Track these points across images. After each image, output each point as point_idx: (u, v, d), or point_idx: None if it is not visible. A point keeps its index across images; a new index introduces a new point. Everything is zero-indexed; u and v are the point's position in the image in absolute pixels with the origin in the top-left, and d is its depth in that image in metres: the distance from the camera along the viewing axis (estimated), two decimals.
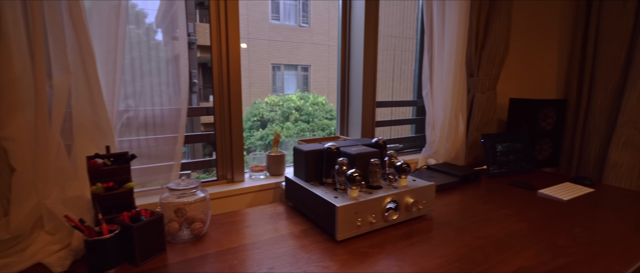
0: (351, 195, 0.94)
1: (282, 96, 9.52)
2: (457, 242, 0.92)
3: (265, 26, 11.42)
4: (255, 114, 8.88)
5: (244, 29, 10.39)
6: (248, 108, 9.17)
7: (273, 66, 11.53)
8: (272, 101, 9.32)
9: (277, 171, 1.34)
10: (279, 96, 9.55)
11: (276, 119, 8.76)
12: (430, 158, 1.69)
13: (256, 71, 11.43)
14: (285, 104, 8.94)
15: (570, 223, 1.06)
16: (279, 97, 9.46)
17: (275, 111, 8.95)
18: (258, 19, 10.98)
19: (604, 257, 0.85)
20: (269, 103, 9.23)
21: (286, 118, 8.78)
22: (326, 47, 11.86)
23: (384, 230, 0.98)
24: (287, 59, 11.80)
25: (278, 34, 11.39)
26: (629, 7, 1.50)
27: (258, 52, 11.36)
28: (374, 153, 1.06)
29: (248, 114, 8.98)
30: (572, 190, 1.35)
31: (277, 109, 8.93)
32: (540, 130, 1.77)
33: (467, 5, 1.51)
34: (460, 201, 1.24)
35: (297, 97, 9.25)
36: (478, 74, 1.69)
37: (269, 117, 8.79)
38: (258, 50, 11.32)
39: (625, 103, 1.48)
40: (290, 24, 11.54)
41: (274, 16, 11.36)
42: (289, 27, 11.48)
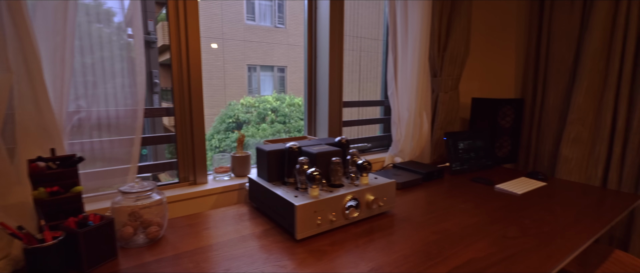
0: (311, 194, 0.95)
1: (258, 98, 9.42)
2: (415, 237, 0.94)
3: (241, 27, 11.27)
4: (231, 116, 8.74)
5: (218, 29, 10.22)
6: (223, 110, 9.01)
7: (249, 67, 11.40)
8: (247, 102, 9.21)
9: (242, 172, 1.33)
10: (254, 98, 9.45)
11: (252, 121, 8.67)
12: (397, 156, 1.73)
13: (231, 72, 11.24)
14: (261, 106, 8.85)
15: (521, 215, 1.11)
16: (255, 98, 9.36)
17: (251, 113, 8.84)
18: (233, 19, 10.82)
19: (547, 246, 0.90)
20: (245, 104, 9.11)
21: (262, 120, 8.70)
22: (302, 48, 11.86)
23: (345, 228, 1.00)
24: (263, 60, 11.69)
25: (253, 35, 11.27)
26: (576, 10, 1.60)
27: (233, 53, 11.18)
28: (335, 152, 1.07)
29: (223, 116, 8.82)
30: (527, 184, 1.42)
31: (253, 111, 8.83)
32: (500, 128, 1.85)
33: (428, 7, 1.56)
34: (422, 198, 1.27)
35: (274, 99, 9.19)
36: (441, 75, 1.74)
37: (244, 118, 8.67)
38: (233, 51, 11.14)
39: (574, 102, 1.58)
40: (266, 24, 11.46)
41: (249, 17, 11.24)
42: (265, 28, 11.39)
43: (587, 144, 1.60)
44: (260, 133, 8.09)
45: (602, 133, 1.55)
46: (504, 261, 0.82)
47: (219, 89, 10.82)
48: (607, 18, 1.49)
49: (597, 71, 1.53)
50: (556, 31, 1.67)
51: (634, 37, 1.45)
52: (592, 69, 1.53)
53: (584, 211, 1.16)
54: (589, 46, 1.52)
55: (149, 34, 1.41)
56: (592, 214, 1.13)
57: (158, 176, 1.98)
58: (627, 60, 1.46)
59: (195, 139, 1.21)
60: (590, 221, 1.07)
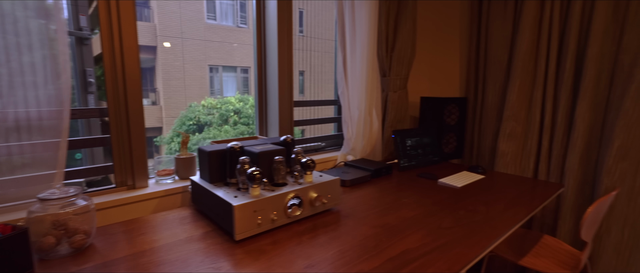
0: (252, 194, 0.94)
1: (221, 99, 9.18)
2: (355, 232, 0.96)
3: (201, 26, 10.92)
4: (191, 118, 8.43)
5: (176, 27, 9.82)
6: (183, 112, 8.68)
7: (210, 67, 11.07)
8: (209, 103, 8.94)
9: (187, 174, 1.28)
10: (217, 99, 9.20)
11: (214, 123, 8.42)
12: (349, 154, 1.76)
13: (192, 73, 10.86)
14: (223, 107, 8.63)
15: (458, 206, 1.18)
16: (217, 99, 9.11)
17: (212, 114, 8.59)
18: (192, 17, 10.46)
19: (476, 234, 0.96)
20: (206, 105, 8.84)
21: (225, 121, 8.49)
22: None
23: (287, 227, 1.00)
24: (226, 60, 11.42)
25: (215, 35, 10.97)
26: (508, 15, 1.73)
27: (193, 53, 10.80)
28: (278, 151, 1.06)
29: (183, 118, 8.49)
30: (467, 178, 1.51)
31: (215, 112, 8.58)
32: (446, 126, 1.95)
33: (375, 8, 1.60)
34: (369, 194, 1.31)
35: (237, 100, 9.00)
36: (390, 74, 1.80)
37: (206, 120, 8.41)
38: (193, 50, 10.77)
39: (508, 100, 1.70)
40: (228, 24, 11.20)
41: (209, 16, 10.92)
42: (227, 27, 11.12)
43: (521, 139, 1.73)
44: (222, 135, 7.89)
45: (533, 128, 1.69)
46: (435, 250, 0.87)
47: (178, 90, 10.40)
48: (534, 23, 1.62)
49: (527, 71, 1.67)
50: (492, 34, 1.79)
51: (556, 40, 1.59)
52: (523, 69, 1.66)
53: (513, 200, 1.25)
54: (520, 48, 1.64)
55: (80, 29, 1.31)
56: (520, 203, 1.22)
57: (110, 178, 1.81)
58: (552, 61, 1.60)
59: (134, 142, 1.15)
60: (518, 209, 1.16)
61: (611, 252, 1.52)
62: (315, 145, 1.91)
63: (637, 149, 1.43)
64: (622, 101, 1.42)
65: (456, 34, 2.08)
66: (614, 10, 1.46)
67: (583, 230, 1.14)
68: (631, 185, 1.46)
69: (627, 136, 1.41)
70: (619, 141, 1.43)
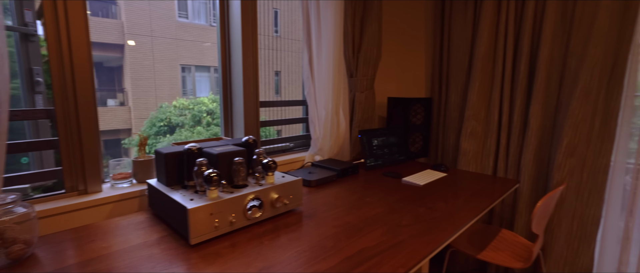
0: (210, 196, 0.92)
1: (193, 99, 8.94)
2: (315, 232, 0.96)
3: (172, 24, 10.59)
4: (162, 119, 8.15)
5: (145, 25, 9.47)
6: (153, 113, 8.37)
7: (183, 67, 10.77)
8: (181, 104, 8.68)
9: (146, 177, 1.24)
10: (189, 99, 8.95)
11: (186, 124, 8.19)
12: (317, 155, 1.76)
13: (163, 73, 10.51)
14: (196, 108, 8.41)
15: (418, 204, 1.21)
16: (190, 100, 8.86)
17: (185, 115, 8.35)
18: (162, 15, 10.13)
19: (433, 230, 0.99)
20: (178, 106, 8.58)
21: (197, 122, 8.28)
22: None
23: (247, 229, 0.98)
24: (199, 60, 11.14)
25: (187, 33, 10.68)
26: (468, 19, 1.80)
27: (164, 52, 10.46)
28: (238, 152, 1.05)
29: (153, 120, 8.19)
30: (430, 176, 1.55)
31: (187, 113, 8.35)
32: (413, 125, 2.00)
33: (341, 8, 1.62)
34: (334, 194, 1.31)
35: (210, 101, 8.80)
36: (356, 75, 1.82)
37: (177, 121, 8.16)
38: (164, 49, 10.42)
39: (469, 100, 1.77)
40: (201, 23, 10.94)
41: (181, 14, 10.62)
42: (199, 26, 10.86)
43: (481, 137, 1.80)
44: (195, 136, 7.68)
45: (492, 128, 1.76)
46: (392, 247, 0.88)
47: (148, 90, 10.03)
48: (491, 26, 1.70)
49: (486, 73, 1.74)
50: (454, 37, 1.86)
51: (512, 43, 1.67)
52: (482, 70, 1.73)
53: (471, 197, 1.30)
54: (479, 50, 1.71)
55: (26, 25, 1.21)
56: (477, 199, 1.27)
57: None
58: (508, 63, 1.68)
59: (85, 144, 1.09)
60: (474, 205, 1.21)
61: (562, 243, 1.62)
62: (283, 146, 1.90)
63: (583, 146, 1.53)
64: (569, 102, 1.51)
65: (422, 35, 2.14)
66: (562, 16, 1.56)
67: (534, 223, 1.20)
68: (578, 179, 1.56)
69: (575, 134, 1.51)
70: (567, 139, 1.52)
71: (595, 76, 1.45)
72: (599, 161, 1.53)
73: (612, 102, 1.47)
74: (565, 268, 1.63)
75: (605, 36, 1.43)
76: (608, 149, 1.50)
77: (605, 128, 1.50)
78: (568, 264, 1.63)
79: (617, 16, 1.43)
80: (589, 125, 1.51)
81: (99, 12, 9.46)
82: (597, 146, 1.52)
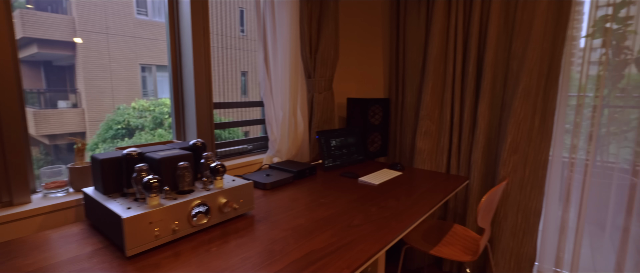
0: (150, 204, 0.87)
1: (154, 100, 8.54)
2: (264, 237, 0.94)
3: (130, 21, 10.07)
4: (120, 122, 7.71)
5: (99, 22, 8.92)
6: (109, 115, 7.89)
7: (142, 66, 10.27)
8: (141, 105, 8.26)
9: (84, 185, 1.15)
10: (149, 100, 8.54)
11: (146, 126, 7.80)
12: (275, 156, 1.74)
13: (120, 72, 9.96)
14: (157, 109, 8.04)
15: (372, 203, 1.23)
16: (150, 101, 8.45)
17: (145, 117, 7.95)
18: (119, 12, 9.60)
19: (382, 229, 1.01)
20: (137, 108, 8.15)
21: (159, 125, 7.91)
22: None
23: (193, 236, 0.94)
24: (160, 59, 10.68)
25: (146, 31, 10.19)
26: (421, 21, 1.86)
27: (122, 51, 9.91)
28: (183, 157, 1.00)
29: (110, 122, 7.72)
30: (386, 175, 1.58)
31: (148, 115, 7.96)
32: (371, 125, 2.03)
33: (296, 8, 1.61)
34: (289, 196, 1.30)
35: None
36: (314, 76, 1.82)
37: (137, 124, 7.75)
38: (121, 48, 9.88)
39: (423, 100, 1.82)
40: (162, 21, 10.48)
41: (140, 11, 10.13)
42: (160, 24, 10.41)
43: (435, 136, 1.87)
44: (156, 139, 7.32)
45: (445, 127, 1.83)
46: (340, 249, 0.89)
47: (104, 91, 9.45)
48: (442, 29, 1.76)
49: (438, 74, 1.81)
50: (409, 39, 1.91)
51: (461, 46, 1.75)
52: (435, 72, 1.79)
53: (422, 195, 1.34)
54: (431, 52, 1.78)
55: None
56: (428, 197, 1.31)
57: None
58: (458, 65, 1.76)
59: (8, 152, 0.99)
60: (424, 203, 1.24)
61: (508, 235, 1.71)
62: (241, 148, 1.85)
63: (524, 143, 1.63)
64: (512, 102, 1.60)
65: (380, 36, 2.18)
66: (505, 20, 1.65)
67: (479, 218, 1.26)
68: (521, 175, 1.66)
69: (517, 132, 1.60)
70: (511, 137, 1.61)
71: (533, 77, 1.56)
72: (539, 157, 1.63)
73: (549, 101, 1.58)
74: (512, 259, 1.73)
75: (542, 40, 1.53)
76: (546, 146, 1.61)
77: (544, 125, 1.61)
78: (514, 255, 1.73)
79: (552, 22, 1.54)
80: (529, 123, 1.61)
81: (48, 6, 8.78)
82: (537, 142, 1.63)
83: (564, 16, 1.51)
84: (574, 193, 1.71)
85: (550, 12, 1.53)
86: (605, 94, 1.63)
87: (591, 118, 1.65)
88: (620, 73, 1.64)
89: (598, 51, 1.63)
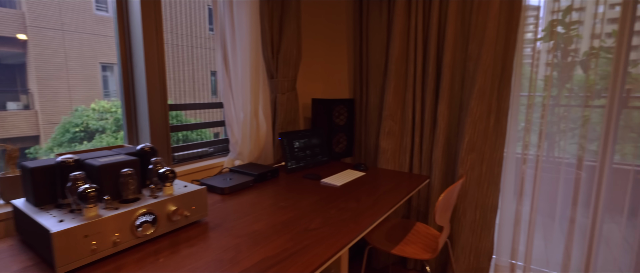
0: (87, 215, 0.80)
1: (116, 101, 8.11)
2: (216, 245, 0.90)
3: (89, 17, 9.51)
4: (78, 124, 7.25)
5: (54, 17, 8.34)
6: (66, 117, 7.40)
7: (103, 65, 9.73)
8: (101, 107, 7.82)
9: (16, 196, 1.05)
10: (111, 102, 8.10)
11: (108, 129, 7.39)
12: (237, 159, 1.69)
13: (79, 72, 9.37)
14: (119, 111, 7.64)
15: (332, 206, 1.21)
16: (112, 102, 8.02)
17: (106, 119, 7.53)
18: (76, 7, 9.04)
19: (339, 232, 0.99)
20: (98, 109, 7.71)
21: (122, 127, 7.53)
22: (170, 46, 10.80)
23: (138, 248, 0.88)
24: None
25: (107, 29, 9.67)
26: (383, 22, 1.88)
27: (79, 49, 9.34)
28: (127, 163, 0.94)
29: (66, 125, 7.24)
30: (349, 176, 1.58)
31: (109, 117, 7.54)
32: (337, 126, 2.02)
33: (256, 7, 1.56)
34: (248, 200, 1.26)
35: None
36: (277, 76, 1.79)
37: (97, 126, 7.32)
38: (79, 46, 9.31)
39: (386, 100, 1.84)
40: None
41: (100, 7, 9.59)
42: None
43: (398, 136, 1.89)
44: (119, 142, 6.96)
45: (407, 127, 1.86)
46: (294, 254, 0.86)
47: (61, 91, 8.85)
48: (403, 31, 1.79)
49: (400, 74, 1.83)
50: (372, 39, 1.92)
51: (421, 48, 1.78)
52: (397, 72, 1.82)
53: (383, 194, 1.34)
54: (393, 52, 1.80)
55: None
56: (388, 197, 1.32)
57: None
58: (418, 66, 1.79)
59: None
60: (384, 203, 1.25)
61: (468, 231, 1.77)
62: (202, 151, 1.78)
63: (481, 142, 1.69)
64: (469, 102, 1.66)
65: (344, 36, 2.19)
66: (462, 23, 1.70)
67: (436, 216, 1.29)
68: (479, 172, 1.72)
69: (474, 131, 1.66)
70: (468, 136, 1.66)
71: (488, 77, 1.62)
72: (495, 155, 1.70)
73: (503, 101, 1.65)
74: (471, 254, 1.79)
75: (495, 42, 1.60)
76: (501, 144, 1.68)
77: (498, 124, 1.67)
78: (473, 250, 1.79)
79: (504, 25, 1.60)
80: (485, 122, 1.67)
81: None
82: (492, 141, 1.69)
83: (515, 19, 1.57)
84: (527, 187, 1.79)
85: (503, 15, 1.59)
86: (555, 94, 1.72)
87: (542, 117, 1.74)
88: (568, 74, 1.74)
89: (550, 54, 1.73)
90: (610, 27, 1.59)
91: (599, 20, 1.60)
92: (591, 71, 1.63)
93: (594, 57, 1.63)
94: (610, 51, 1.63)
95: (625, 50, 1.51)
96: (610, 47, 1.63)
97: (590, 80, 1.63)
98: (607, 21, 1.61)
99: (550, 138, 1.81)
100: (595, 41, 1.63)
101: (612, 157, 1.61)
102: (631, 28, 1.50)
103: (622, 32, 1.51)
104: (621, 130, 1.63)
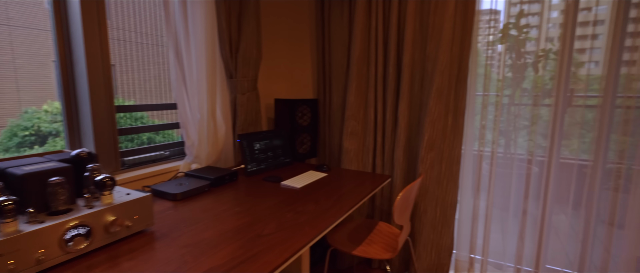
0: (4, 231, 0.71)
1: None
2: (158, 257, 0.84)
3: (39, 11, 8.81)
4: (28, 128, 6.69)
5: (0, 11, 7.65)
6: (13, 120, 6.82)
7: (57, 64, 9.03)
8: (55, 108, 7.27)
9: None
10: None
11: (62, 132, 6.90)
12: (194, 163, 1.61)
13: (28, 70, 8.67)
14: None
15: (288, 209, 1.18)
16: None
17: (60, 121, 7.02)
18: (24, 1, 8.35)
19: (293, 237, 0.96)
20: (51, 111, 7.16)
21: None
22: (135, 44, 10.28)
23: (69, 264, 0.80)
24: None
25: None
26: (344, 23, 1.87)
27: (29, 45, 8.65)
28: (56, 171, 0.85)
29: (14, 128, 6.67)
30: (310, 177, 1.55)
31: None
32: (300, 126, 1.99)
33: (211, 5, 1.50)
34: (202, 206, 1.20)
35: None
36: (236, 76, 1.73)
37: (50, 129, 6.81)
38: (29, 42, 8.61)
39: (348, 100, 1.84)
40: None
41: None
42: None
43: (361, 136, 1.90)
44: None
45: (369, 127, 1.87)
46: (243, 263, 0.82)
47: (8, 92, 8.14)
48: (364, 30, 1.79)
49: (362, 74, 1.83)
50: (334, 39, 1.91)
51: (382, 48, 1.80)
52: (358, 72, 1.82)
53: (344, 195, 1.33)
54: (354, 52, 1.80)
55: None
56: (348, 198, 1.31)
57: None
58: (379, 66, 1.80)
59: None
60: (343, 205, 1.23)
61: (429, 228, 1.81)
62: (157, 155, 1.69)
63: (440, 141, 1.73)
64: (428, 101, 1.69)
65: (307, 38, 2.16)
66: (420, 24, 1.73)
67: (395, 215, 1.29)
68: (438, 170, 1.76)
69: (433, 130, 1.69)
70: (427, 135, 1.69)
71: (445, 78, 1.65)
72: (453, 153, 1.74)
73: (460, 101, 1.69)
74: (433, 251, 1.83)
75: (451, 43, 1.63)
76: (459, 142, 1.73)
77: (456, 123, 1.72)
78: (434, 247, 1.83)
79: (459, 26, 1.64)
80: (443, 122, 1.71)
81: None
82: (450, 139, 1.73)
83: (469, 22, 1.62)
84: (483, 183, 1.86)
85: (458, 17, 1.64)
86: (510, 93, 1.79)
87: (496, 116, 1.80)
88: (522, 75, 1.82)
89: (506, 55, 1.80)
90: (559, 31, 1.68)
91: (552, 25, 1.69)
92: (541, 72, 1.71)
93: (543, 58, 1.72)
94: (557, 53, 1.73)
95: (568, 52, 1.60)
96: (557, 49, 1.72)
97: (540, 80, 1.72)
98: (559, 26, 1.70)
99: (506, 135, 1.89)
100: (547, 43, 1.71)
101: (559, 152, 1.70)
102: (573, 32, 1.59)
103: (565, 35, 1.60)
104: (567, 127, 1.72)
